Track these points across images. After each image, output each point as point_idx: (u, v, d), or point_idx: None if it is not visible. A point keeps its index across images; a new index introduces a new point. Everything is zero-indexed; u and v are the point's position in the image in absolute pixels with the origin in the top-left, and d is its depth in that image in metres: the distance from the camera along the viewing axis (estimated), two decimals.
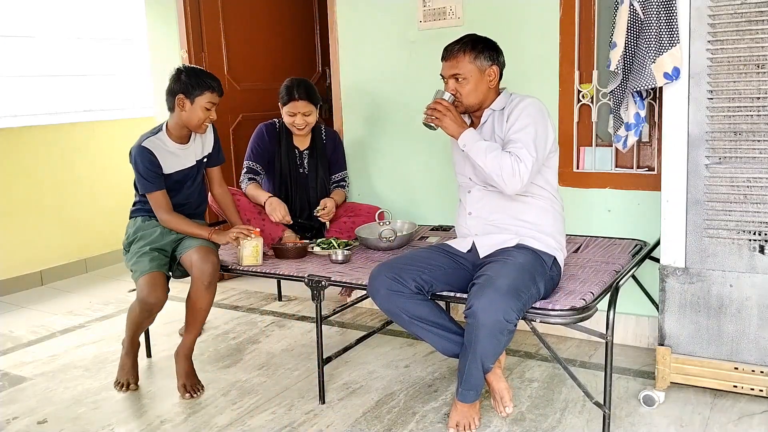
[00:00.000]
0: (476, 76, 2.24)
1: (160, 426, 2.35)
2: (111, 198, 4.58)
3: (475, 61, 2.23)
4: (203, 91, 2.55)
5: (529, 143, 2.12)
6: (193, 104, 2.56)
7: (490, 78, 2.26)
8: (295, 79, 3.00)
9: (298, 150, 3.09)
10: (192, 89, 2.55)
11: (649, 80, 2.18)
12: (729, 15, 2.10)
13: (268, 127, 3.10)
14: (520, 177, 2.09)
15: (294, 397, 2.53)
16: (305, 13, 4.35)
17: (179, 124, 2.62)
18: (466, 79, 2.24)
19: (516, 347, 2.88)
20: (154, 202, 2.61)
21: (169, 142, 2.63)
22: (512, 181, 2.09)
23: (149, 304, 2.47)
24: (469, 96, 2.25)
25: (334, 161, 3.17)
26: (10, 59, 4.40)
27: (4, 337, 3.32)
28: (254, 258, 2.65)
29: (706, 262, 2.24)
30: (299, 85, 2.96)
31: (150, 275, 2.49)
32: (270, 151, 3.07)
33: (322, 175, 3.11)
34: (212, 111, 2.60)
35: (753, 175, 2.14)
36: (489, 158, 2.11)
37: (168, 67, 3.55)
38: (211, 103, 2.58)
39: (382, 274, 2.19)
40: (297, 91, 2.94)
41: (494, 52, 2.28)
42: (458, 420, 2.18)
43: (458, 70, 2.24)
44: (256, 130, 3.11)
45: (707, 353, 2.28)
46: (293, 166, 3.08)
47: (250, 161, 3.06)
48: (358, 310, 3.48)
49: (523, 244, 2.22)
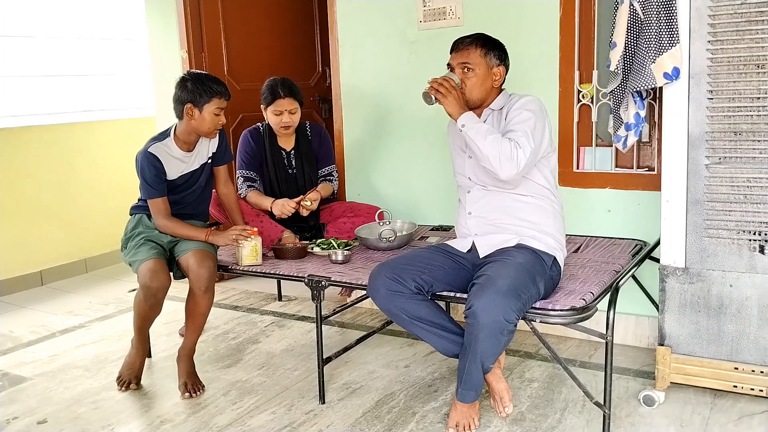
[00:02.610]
0: (484, 70, 2.25)
1: (160, 426, 2.35)
2: (111, 198, 4.58)
3: (485, 56, 2.25)
4: (211, 98, 2.55)
5: (529, 133, 2.13)
6: (201, 112, 2.55)
7: (496, 77, 2.28)
8: (276, 79, 3.00)
9: (285, 151, 3.09)
10: (199, 97, 2.54)
11: (649, 80, 2.18)
12: (729, 15, 2.09)
13: (252, 132, 3.09)
14: (517, 162, 2.08)
15: (294, 397, 2.53)
16: (305, 13, 4.35)
17: (188, 132, 2.62)
18: (473, 71, 2.24)
19: (516, 347, 2.88)
20: (153, 207, 2.62)
21: (175, 149, 2.63)
22: (509, 165, 2.08)
23: (153, 289, 2.46)
24: (473, 89, 2.25)
25: (321, 156, 3.16)
26: (10, 59, 4.40)
27: (4, 337, 3.32)
28: (253, 258, 2.65)
29: (706, 262, 2.24)
30: (282, 83, 2.96)
31: (150, 261, 2.50)
32: (258, 157, 3.07)
33: (309, 171, 3.10)
34: (221, 116, 2.60)
35: (753, 175, 2.14)
36: (488, 140, 2.10)
37: (168, 67, 3.54)
38: (220, 109, 2.58)
39: (381, 275, 2.18)
40: (281, 89, 2.94)
41: (503, 54, 2.30)
42: (458, 420, 2.18)
43: (468, 60, 2.25)
44: (241, 139, 3.10)
45: (707, 353, 2.28)
46: (281, 167, 3.08)
47: (243, 170, 3.06)
48: (358, 310, 3.48)
49: (523, 243, 2.22)
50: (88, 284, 4.27)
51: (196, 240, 2.61)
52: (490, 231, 2.29)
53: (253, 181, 3.06)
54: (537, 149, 2.15)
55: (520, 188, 2.25)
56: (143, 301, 2.52)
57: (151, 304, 2.51)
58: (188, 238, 2.63)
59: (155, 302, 2.52)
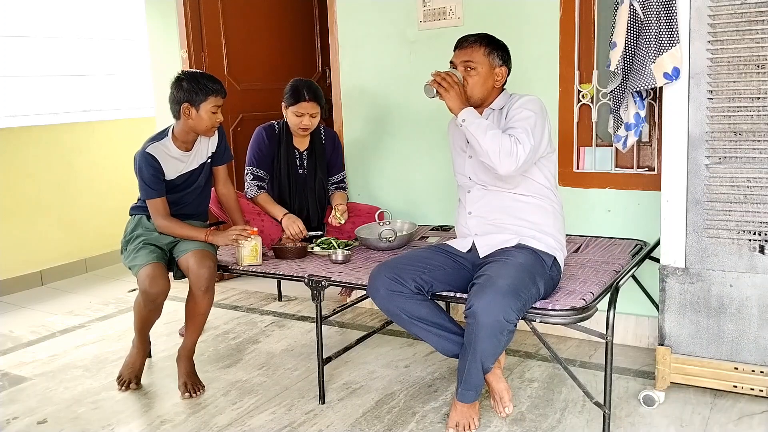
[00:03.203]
0: (486, 69, 2.26)
1: (160, 426, 2.35)
2: (111, 198, 4.58)
3: (488, 56, 2.27)
4: (207, 96, 2.55)
5: (529, 131, 2.13)
6: (198, 111, 2.56)
7: (498, 77, 2.29)
8: (301, 80, 2.98)
9: (298, 151, 3.09)
10: (195, 96, 2.54)
11: (649, 80, 2.18)
12: (729, 15, 2.09)
13: (267, 130, 3.07)
14: (516, 158, 2.08)
15: (294, 397, 2.53)
16: (305, 13, 4.35)
17: (185, 131, 2.62)
18: (475, 70, 2.25)
19: (516, 347, 2.88)
20: (152, 207, 2.61)
21: (173, 149, 2.63)
22: (508, 161, 2.08)
23: (152, 295, 2.47)
24: (475, 87, 2.26)
25: (333, 162, 3.16)
26: (10, 59, 4.40)
27: (4, 337, 3.32)
28: (254, 257, 2.65)
29: (706, 262, 2.24)
30: (308, 86, 2.94)
31: (149, 266, 2.50)
32: (270, 155, 3.06)
33: (320, 176, 3.10)
34: (218, 114, 2.60)
35: (753, 175, 2.14)
36: (489, 135, 2.10)
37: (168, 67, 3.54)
38: (216, 107, 2.58)
39: (382, 274, 2.19)
40: (307, 93, 2.92)
41: (506, 55, 2.32)
42: (458, 420, 2.18)
43: (471, 58, 2.26)
44: (255, 135, 3.07)
45: (707, 353, 2.28)
46: (292, 167, 3.08)
47: (254, 167, 3.03)
48: (358, 310, 3.48)
49: (523, 243, 2.22)
50: (88, 284, 4.27)
51: (196, 240, 2.61)
52: (490, 231, 2.30)
53: (263, 180, 3.03)
54: (537, 147, 2.15)
55: (520, 188, 2.25)
56: (143, 305, 2.53)
57: (151, 308, 2.54)
58: (188, 239, 2.63)
59: (154, 307, 2.53)
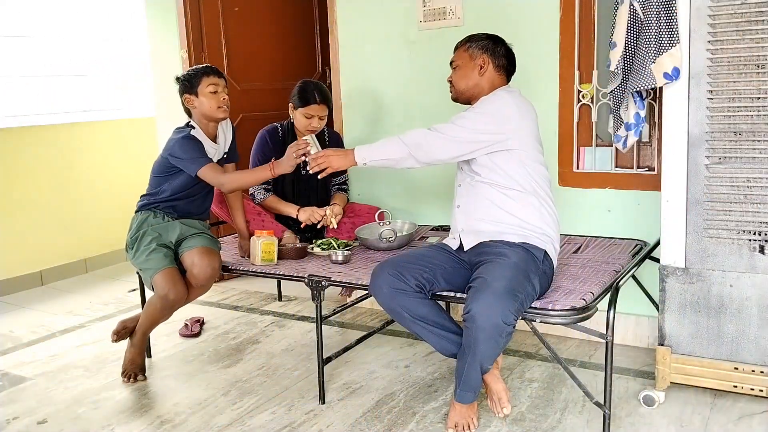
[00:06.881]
0: (466, 62, 2.35)
1: (160, 426, 2.35)
2: (111, 198, 4.58)
3: (467, 50, 2.36)
4: (199, 78, 2.63)
5: (454, 123, 2.23)
6: (198, 96, 2.63)
7: (481, 65, 2.32)
8: (310, 82, 2.97)
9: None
10: (190, 83, 2.63)
11: (649, 80, 2.18)
12: (729, 15, 2.09)
13: (270, 133, 3.04)
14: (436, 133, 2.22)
15: (294, 397, 2.53)
16: (305, 14, 4.35)
17: (201, 121, 2.68)
18: (458, 66, 2.37)
19: (516, 347, 2.88)
20: (209, 172, 2.58)
21: (205, 137, 2.68)
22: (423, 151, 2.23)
23: (171, 300, 2.53)
24: (459, 81, 2.36)
25: None
26: (10, 59, 4.40)
27: (4, 337, 3.32)
28: (269, 256, 2.65)
29: (706, 262, 2.24)
30: (319, 89, 2.92)
31: (167, 271, 2.54)
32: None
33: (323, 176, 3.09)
34: (220, 93, 2.64)
35: (753, 175, 2.14)
36: (390, 144, 2.27)
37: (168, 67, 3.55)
38: (214, 85, 2.63)
39: (384, 272, 2.19)
40: (317, 95, 2.90)
41: (491, 43, 2.35)
42: (457, 420, 2.18)
43: (454, 58, 2.40)
44: (259, 138, 3.05)
45: (707, 353, 2.28)
46: (296, 168, 3.07)
47: None
48: (358, 310, 3.48)
49: (507, 240, 2.21)
50: (88, 284, 4.27)
51: (263, 179, 2.63)
52: (474, 224, 2.29)
53: (268, 183, 3.02)
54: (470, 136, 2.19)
55: (504, 183, 2.24)
56: (159, 309, 2.58)
57: (166, 313, 2.61)
58: (256, 182, 2.70)
59: (171, 311, 2.61)
